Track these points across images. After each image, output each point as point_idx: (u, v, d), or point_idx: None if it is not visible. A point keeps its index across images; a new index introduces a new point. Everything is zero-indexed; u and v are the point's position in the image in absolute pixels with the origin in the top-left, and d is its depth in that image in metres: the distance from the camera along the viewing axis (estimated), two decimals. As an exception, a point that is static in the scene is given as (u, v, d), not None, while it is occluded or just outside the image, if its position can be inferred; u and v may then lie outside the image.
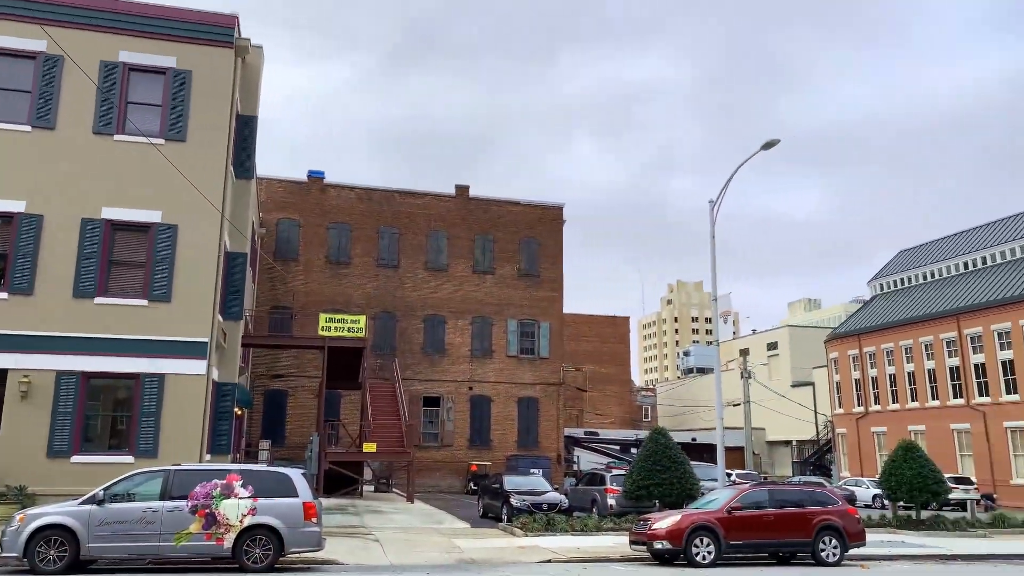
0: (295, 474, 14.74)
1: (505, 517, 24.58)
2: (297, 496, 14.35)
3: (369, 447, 30.80)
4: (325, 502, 27.60)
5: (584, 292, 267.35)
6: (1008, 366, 44.94)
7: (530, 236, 45.62)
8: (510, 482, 26.73)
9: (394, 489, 34.48)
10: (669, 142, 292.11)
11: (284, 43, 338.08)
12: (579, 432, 62.17)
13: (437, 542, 19.58)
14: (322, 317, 32.88)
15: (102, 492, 13.71)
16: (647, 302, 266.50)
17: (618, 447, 58.01)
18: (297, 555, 14.84)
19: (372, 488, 36.24)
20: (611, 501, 25.60)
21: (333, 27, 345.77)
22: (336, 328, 32.35)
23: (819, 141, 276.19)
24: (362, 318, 33.38)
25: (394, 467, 35.33)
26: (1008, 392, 44.75)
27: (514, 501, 24.84)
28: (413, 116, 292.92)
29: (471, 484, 39.17)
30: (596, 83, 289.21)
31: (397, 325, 42.57)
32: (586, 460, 56.08)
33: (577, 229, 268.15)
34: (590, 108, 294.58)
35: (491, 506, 26.81)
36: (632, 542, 17.76)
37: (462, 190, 45.40)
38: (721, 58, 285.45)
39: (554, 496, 26.24)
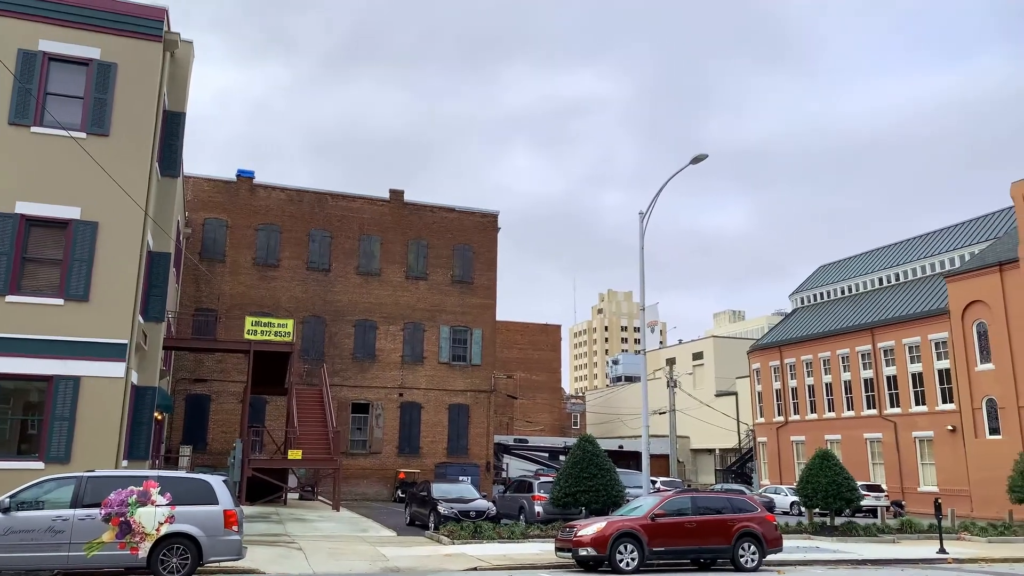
0: (216, 481, 14.38)
1: (432, 525, 24.48)
2: (218, 504, 13.99)
3: (294, 454, 30.23)
4: (248, 510, 26.98)
5: (517, 300, 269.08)
6: (917, 378, 47.08)
7: (464, 243, 45.64)
8: (438, 490, 26.63)
9: (320, 497, 33.90)
10: (604, 157, 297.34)
11: (217, 42, 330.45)
12: (509, 439, 62.38)
13: (362, 550, 19.35)
14: (248, 320, 32.16)
15: (8, 499, 13.10)
16: (579, 311, 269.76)
17: (547, 454, 58.43)
18: (216, 564, 14.46)
19: (297, 496, 35.57)
20: (538, 508, 25.77)
21: (268, 28, 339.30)
22: (263, 332, 31.68)
23: (746, 160, 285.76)
24: (290, 322, 32.79)
25: (320, 475, 34.74)
26: (917, 403, 46.88)
27: (442, 509, 24.75)
28: (349, 122, 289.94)
29: (399, 492, 38.85)
30: (535, 96, 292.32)
31: (327, 330, 41.96)
32: (516, 467, 56.30)
33: (513, 238, 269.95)
34: (529, 120, 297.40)
35: (418, 514, 26.65)
36: (558, 549, 17.91)
37: (396, 194, 45.11)
38: (656, 78, 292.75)
39: (482, 504, 26.25)
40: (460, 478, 36.46)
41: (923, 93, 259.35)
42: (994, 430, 41.45)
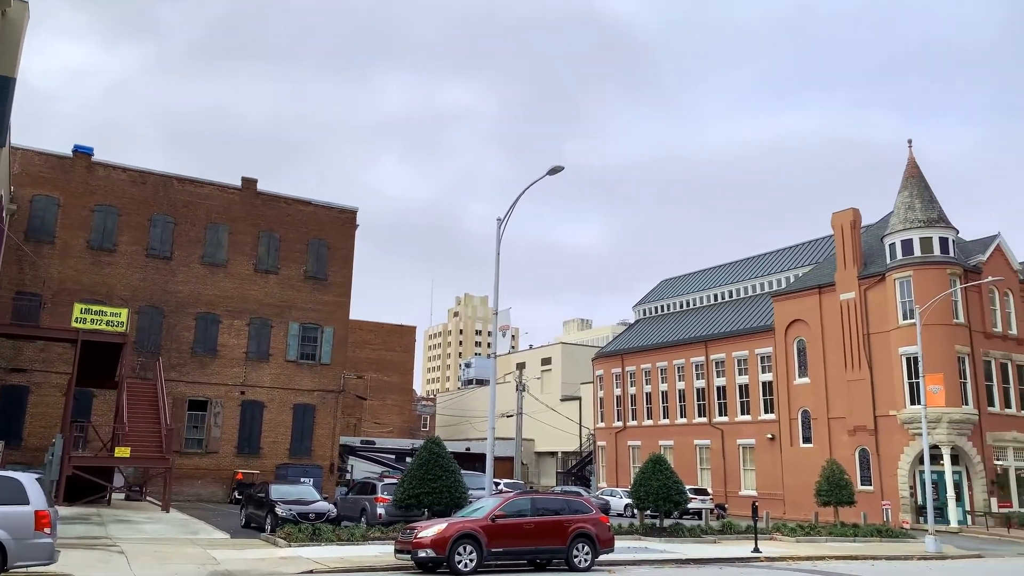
0: (27, 479, 13.34)
1: (269, 527, 23.78)
2: (28, 504, 12.98)
3: (122, 452, 28.45)
4: (66, 511, 25.10)
5: (376, 301, 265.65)
6: (744, 389, 50.68)
7: (320, 237, 44.59)
8: (277, 491, 25.91)
9: (148, 498, 32.02)
10: (471, 168, 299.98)
11: (81, 18, 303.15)
12: (355, 441, 61.43)
13: (191, 554, 18.53)
14: (77, 307, 29.98)
15: None
16: (436, 314, 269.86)
17: (394, 456, 58.03)
18: (24, 570, 13.41)
19: (123, 496, 33.44)
20: (380, 510, 25.63)
21: (136, 10, 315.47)
22: (93, 320, 29.63)
23: (605, 182, 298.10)
24: (124, 311, 30.86)
25: (150, 474, 32.82)
26: (742, 413, 50.45)
27: (280, 511, 24.10)
28: (213, 114, 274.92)
29: (236, 493, 37.34)
30: (407, 103, 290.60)
31: (165, 321, 39.73)
32: (361, 469, 55.51)
33: (377, 240, 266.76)
34: (399, 127, 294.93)
35: (255, 516, 25.80)
36: (397, 551, 17.91)
37: (249, 183, 43.43)
38: (525, 97, 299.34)
39: (323, 505, 25.78)
40: (302, 480, 35.57)
41: (766, 134, 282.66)
42: (807, 439, 45.33)
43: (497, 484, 39.52)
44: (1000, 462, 39.66)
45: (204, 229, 41.48)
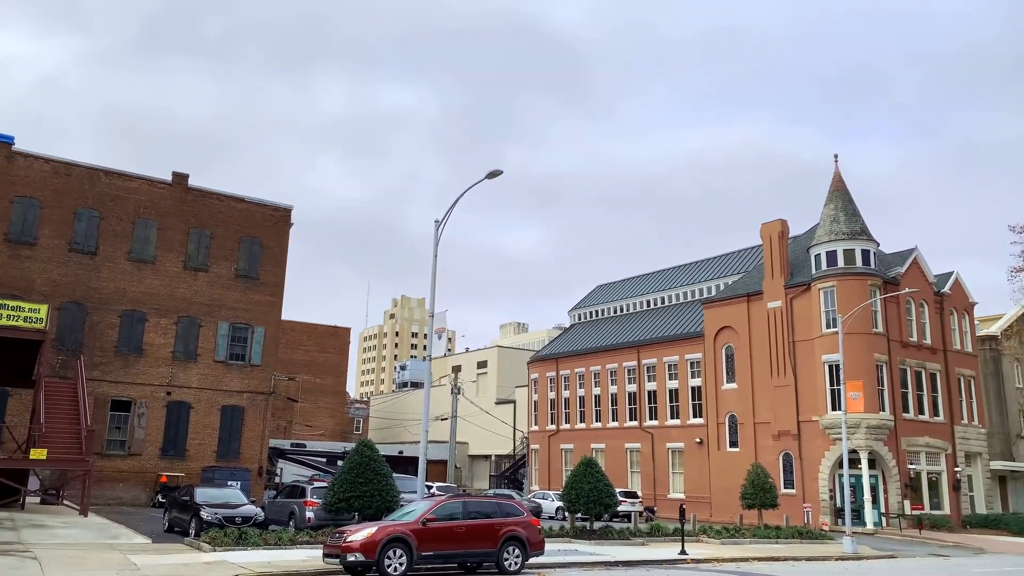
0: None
1: (193, 531, 23.22)
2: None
3: (38, 454, 27.31)
4: (-26, 516, 23.98)
5: (311, 302, 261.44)
6: (674, 394, 51.72)
7: (253, 235, 43.68)
8: (202, 494, 25.32)
9: (65, 502, 30.79)
10: (411, 171, 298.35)
11: (9, 4, 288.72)
12: (286, 444, 60.36)
13: (109, 559, 17.95)
14: (-8, 303, 28.66)
15: None
16: (372, 316, 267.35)
17: (325, 459, 57.20)
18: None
19: (38, 500, 32.10)
20: (310, 514, 25.29)
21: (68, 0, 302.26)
22: (10, 316, 28.41)
23: (543, 189, 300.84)
24: (44, 307, 29.66)
25: (68, 477, 31.57)
26: (672, 417, 51.47)
27: (205, 514, 23.55)
28: (147, 110, 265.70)
29: (159, 496, 36.24)
30: (347, 105, 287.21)
31: (88, 319, 38.33)
32: (291, 472, 54.57)
33: (314, 241, 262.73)
34: (339, 128, 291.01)
35: (179, 520, 25.15)
36: (326, 555, 17.72)
37: (180, 178, 42.28)
38: (466, 103, 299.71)
39: (250, 509, 25.29)
40: (229, 483, 34.85)
41: (698, 146, 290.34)
42: (733, 443, 46.51)
43: (429, 487, 39.39)
44: (913, 466, 41.43)
45: (132, 224, 40.19)
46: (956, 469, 43.16)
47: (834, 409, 40.00)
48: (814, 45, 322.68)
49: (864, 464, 39.59)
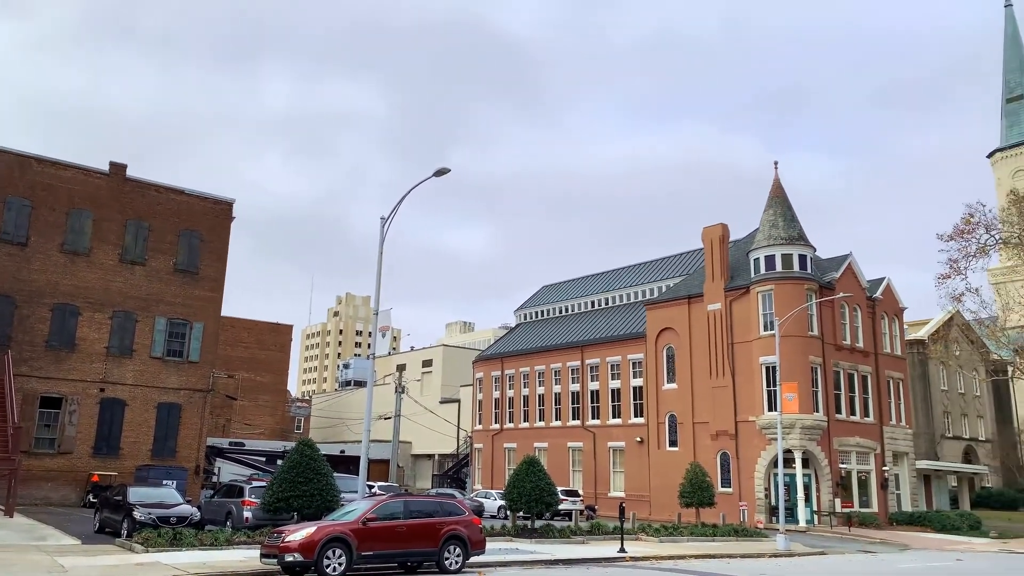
0: None
1: (125, 532, 22.64)
2: None
3: (-40, 452, 26.27)
4: None
5: (253, 298, 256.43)
6: (616, 394, 52.36)
7: (193, 229, 42.67)
8: (135, 494, 24.70)
9: (-11, 502, 29.66)
10: (358, 169, 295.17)
11: None
12: (224, 442, 59.21)
13: (36, 561, 17.39)
14: (-87, 295, 27.46)
15: None
16: (316, 313, 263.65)
17: (264, 458, 56.29)
18: None
19: (-41, 500, 30.80)
20: (247, 514, 24.88)
21: None
22: (-69, 310, 27.22)
23: (491, 190, 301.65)
24: (-31, 301, 28.51)
25: (-8, 476, 30.42)
26: (614, 416, 52.10)
27: (138, 515, 22.98)
28: (87, 99, 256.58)
29: (90, 496, 35.17)
30: (294, 100, 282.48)
31: (17, 312, 36.95)
32: (229, 472, 53.54)
33: (257, 236, 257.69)
34: (286, 124, 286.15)
35: (110, 520, 24.48)
36: (263, 555, 17.49)
37: (118, 168, 41.07)
38: (415, 103, 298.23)
39: (185, 509, 24.77)
40: (164, 482, 34.06)
41: (643, 152, 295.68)
42: (673, 442, 47.33)
43: (371, 487, 39.08)
44: (844, 465, 42.78)
45: (65, 214, 38.90)
46: (884, 468, 44.69)
47: (770, 410, 41.02)
48: (755, 58, 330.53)
49: (798, 463, 40.71)
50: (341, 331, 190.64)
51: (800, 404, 39.85)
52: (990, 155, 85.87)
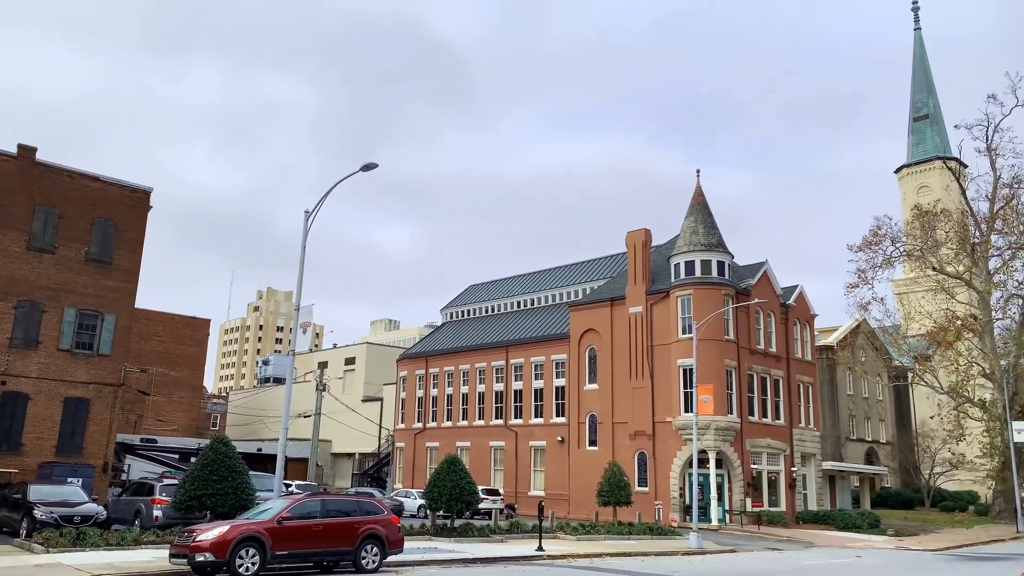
0: None
1: (24, 532, 21.70)
2: None
3: None
4: None
5: (171, 291, 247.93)
6: (539, 394, 52.88)
7: (107, 217, 41.00)
8: (36, 492, 23.75)
9: None
10: (285, 164, 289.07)
11: None
12: (135, 439, 57.18)
13: (-73, 563, 16.52)
14: None
15: None
16: (236, 308, 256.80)
17: (177, 456, 54.67)
18: None
19: None
20: (157, 512, 24.22)
21: None
22: None
23: (422, 190, 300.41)
24: None
25: None
26: (536, 416, 52.61)
27: (38, 513, 22.09)
28: (6, 82, 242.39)
29: (-13, 495, 33.48)
30: (223, 91, 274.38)
31: (-91, 300, 34.84)
32: (140, 469, 51.79)
33: (177, 227, 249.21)
34: (213, 114, 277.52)
35: (8, 519, 23.48)
36: (172, 555, 17.06)
37: (27, 151, 39.16)
38: (347, 100, 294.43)
39: (91, 508, 23.92)
40: (69, 480, 32.75)
41: (569, 158, 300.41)
42: (593, 442, 48.12)
43: (288, 486, 38.43)
44: (755, 466, 44.31)
45: (-34, 199, 36.86)
46: (793, 469, 46.49)
47: (686, 411, 42.12)
48: (682, 69, 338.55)
49: (712, 463, 41.95)
50: (261, 326, 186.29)
51: (715, 406, 41.05)
52: (897, 171, 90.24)
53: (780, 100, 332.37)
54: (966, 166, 59.31)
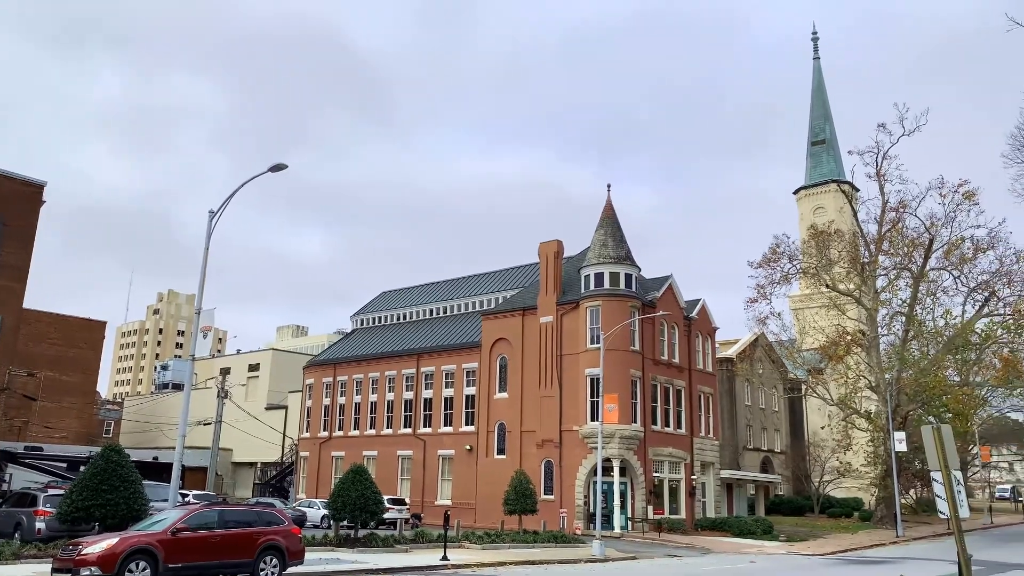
0: None
1: None
2: None
3: None
4: None
5: (65, 292, 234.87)
6: (449, 402, 52.81)
7: (-9, 213, 38.78)
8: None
9: None
10: (192, 167, 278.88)
11: None
12: (18, 446, 53.88)
13: None
14: None
15: None
16: (134, 310, 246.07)
17: (66, 465, 51.81)
18: None
19: None
20: (40, 524, 23.00)
21: None
22: None
23: (335, 197, 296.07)
24: None
25: None
26: (446, 425, 52.49)
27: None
28: None
29: None
30: (128, 89, 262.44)
31: None
32: (23, 479, 48.80)
33: (75, 227, 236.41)
34: (116, 112, 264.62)
35: None
36: (55, 570, 16.26)
37: (-99, 141, 36.64)
38: (257, 104, 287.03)
39: (-34, 520, 22.47)
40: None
41: (483, 171, 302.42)
42: (501, 451, 48.37)
43: (185, 496, 37.12)
44: (658, 474, 45.50)
45: None
46: (693, 477, 47.94)
47: (593, 420, 42.89)
48: (592, 91, 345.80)
49: (616, 472, 42.83)
50: (161, 330, 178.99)
51: (620, 415, 41.91)
52: (796, 192, 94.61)
53: (691, 122, 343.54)
54: (858, 190, 62.79)
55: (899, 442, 45.60)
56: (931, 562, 30.21)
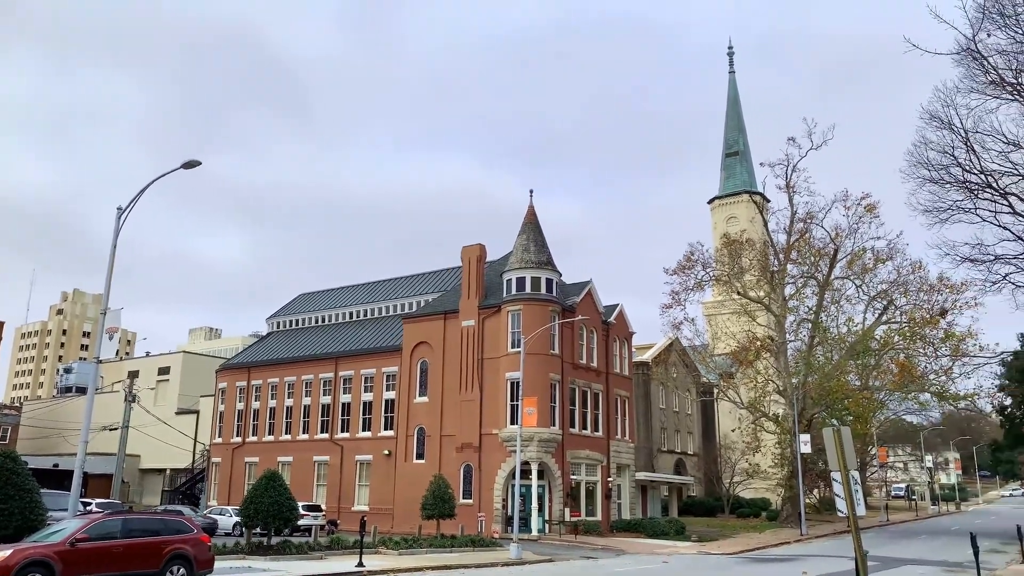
0: None
1: None
2: None
3: None
4: None
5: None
6: (368, 407, 52.20)
7: None
8: None
9: None
10: (107, 166, 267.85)
11: None
12: (-99, 455, 50.50)
13: None
14: None
15: None
16: (36, 310, 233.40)
17: (-45, 473, 48.78)
18: None
19: None
20: (-75, 538, 21.58)
21: None
22: None
23: (246, 198, 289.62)
24: None
25: None
26: (364, 429, 51.88)
27: None
28: None
29: None
30: (40, 84, 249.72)
31: None
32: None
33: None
34: (24, 106, 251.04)
35: None
36: (-58, 585, 15.35)
37: None
38: (174, 103, 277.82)
39: None
40: None
41: (413, 177, 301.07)
42: (420, 455, 48.12)
43: (87, 504, 35.54)
44: (575, 477, 46.11)
45: None
46: (609, 479, 48.78)
47: (512, 423, 43.15)
48: (517, 100, 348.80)
49: (534, 475, 43.21)
50: (65, 331, 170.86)
51: (539, 418, 42.33)
52: (710, 202, 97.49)
53: (617, 132, 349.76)
54: (769, 200, 65.13)
55: (804, 444, 47.54)
56: (831, 559, 31.66)
